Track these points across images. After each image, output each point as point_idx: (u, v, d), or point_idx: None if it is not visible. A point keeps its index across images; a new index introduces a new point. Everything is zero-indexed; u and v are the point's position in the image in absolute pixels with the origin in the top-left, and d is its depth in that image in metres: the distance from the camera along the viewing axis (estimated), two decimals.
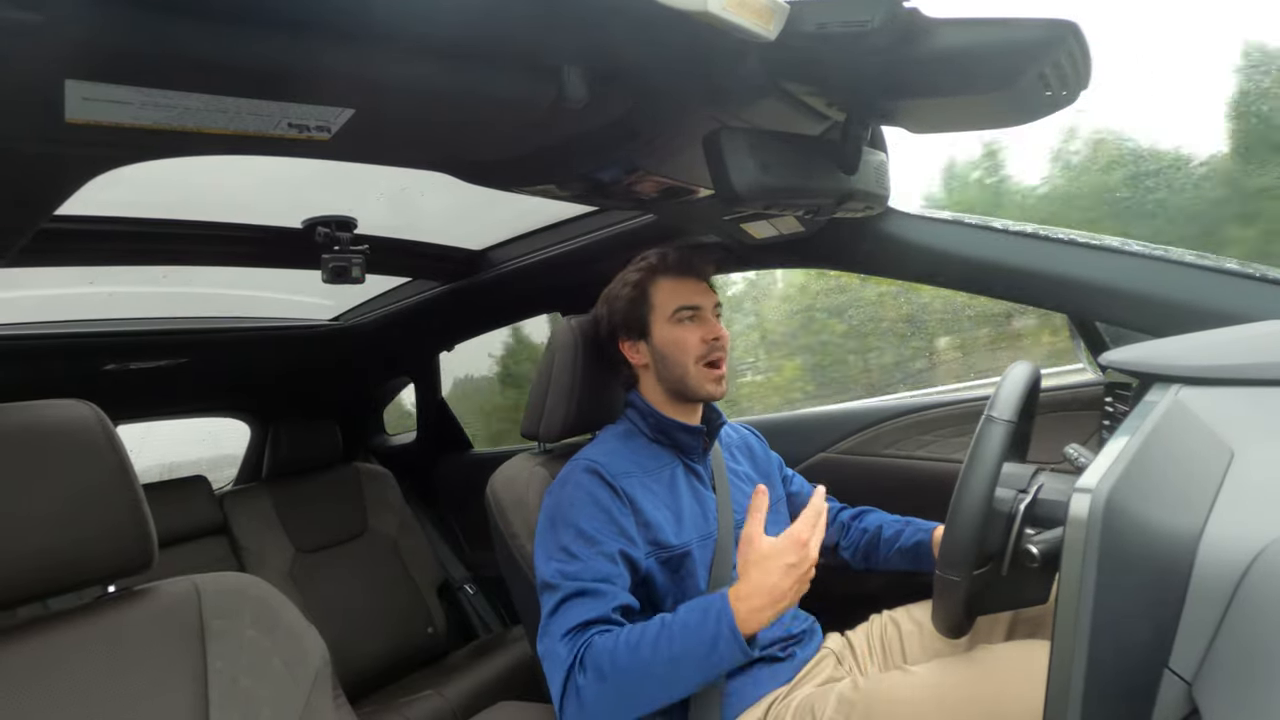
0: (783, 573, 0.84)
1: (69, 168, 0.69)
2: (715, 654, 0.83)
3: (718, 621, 0.84)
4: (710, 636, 0.83)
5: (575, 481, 1.04)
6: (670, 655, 0.84)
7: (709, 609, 0.86)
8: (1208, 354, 0.80)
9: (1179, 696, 0.50)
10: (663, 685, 0.84)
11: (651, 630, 0.87)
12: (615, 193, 1.06)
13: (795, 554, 0.85)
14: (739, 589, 0.86)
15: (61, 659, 0.65)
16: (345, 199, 1.33)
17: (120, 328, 1.63)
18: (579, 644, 0.89)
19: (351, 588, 1.98)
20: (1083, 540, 0.49)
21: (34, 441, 0.66)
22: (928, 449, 1.46)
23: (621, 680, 0.85)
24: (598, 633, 0.89)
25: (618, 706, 0.85)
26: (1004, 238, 1.18)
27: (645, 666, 0.84)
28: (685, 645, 0.84)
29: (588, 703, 0.86)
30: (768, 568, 0.85)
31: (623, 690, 0.85)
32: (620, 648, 0.86)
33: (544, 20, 0.62)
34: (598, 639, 0.88)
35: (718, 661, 0.83)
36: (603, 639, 0.88)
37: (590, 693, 0.86)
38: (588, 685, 0.86)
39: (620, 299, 1.15)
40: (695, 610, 0.87)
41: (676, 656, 0.84)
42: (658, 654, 0.84)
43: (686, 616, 0.87)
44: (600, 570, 0.94)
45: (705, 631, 0.84)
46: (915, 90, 0.80)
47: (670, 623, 0.87)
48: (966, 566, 0.75)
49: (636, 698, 0.85)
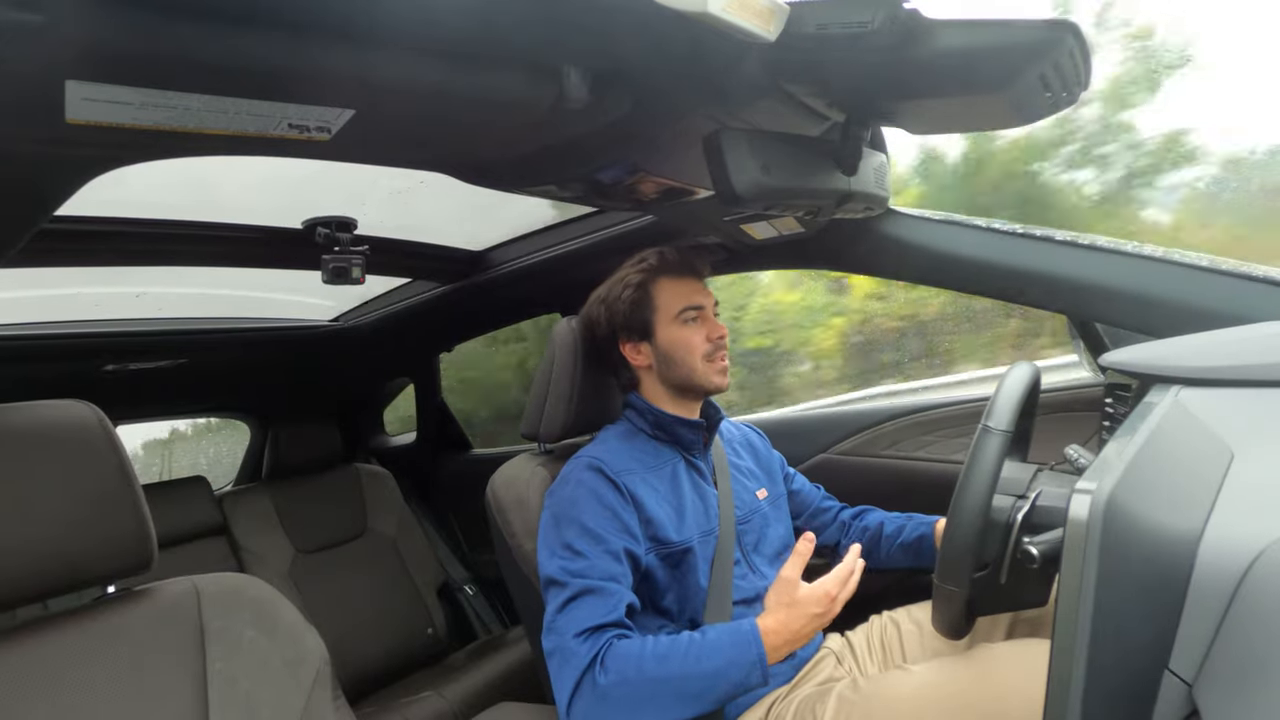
0: (807, 620, 0.89)
1: (69, 168, 0.69)
2: (740, 678, 0.86)
3: (747, 649, 0.87)
4: (742, 661, 0.87)
5: (578, 479, 1.04)
6: (700, 671, 0.86)
7: (740, 635, 0.89)
8: (1208, 355, 0.80)
9: (1179, 697, 0.50)
10: (683, 698, 0.86)
11: (681, 644, 0.89)
12: (615, 193, 1.06)
13: (823, 606, 0.90)
14: (767, 623, 0.89)
15: (61, 660, 0.65)
16: (345, 199, 1.33)
17: (120, 328, 1.63)
18: (599, 644, 0.89)
19: (351, 588, 1.98)
20: (1083, 541, 0.49)
21: (34, 441, 0.66)
22: (928, 449, 1.46)
23: (646, 686, 0.86)
24: (617, 635, 0.90)
25: (635, 710, 0.86)
26: (1004, 238, 1.18)
27: (673, 678, 0.86)
28: (715, 665, 0.87)
29: (609, 701, 0.86)
30: (796, 613, 0.89)
31: (643, 696, 0.86)
32: (648, 656, 0.88)
33: (544, 21, 0.62)
34: (619, 642, 0.90)
35: (738, 685, 0.87)
36: (626, 643, 0.89)
37: (614, 692, 0.86)
38: (610, 685, 0.87)
39: (622, 301, 1.15)
40: (726, 633, 0.90)
41: (706, 674, 0.86)
42: (687, 668, 0.86)
43: (718, 639, 0.89)
44: (607, 569, 0.95)
45: (738, 655, 0.87)
46: (915, 91, 0.80)
47: (701, 641, 0.89)
48: (965, 576, 0.75)
49: (657, 706, 0.86)
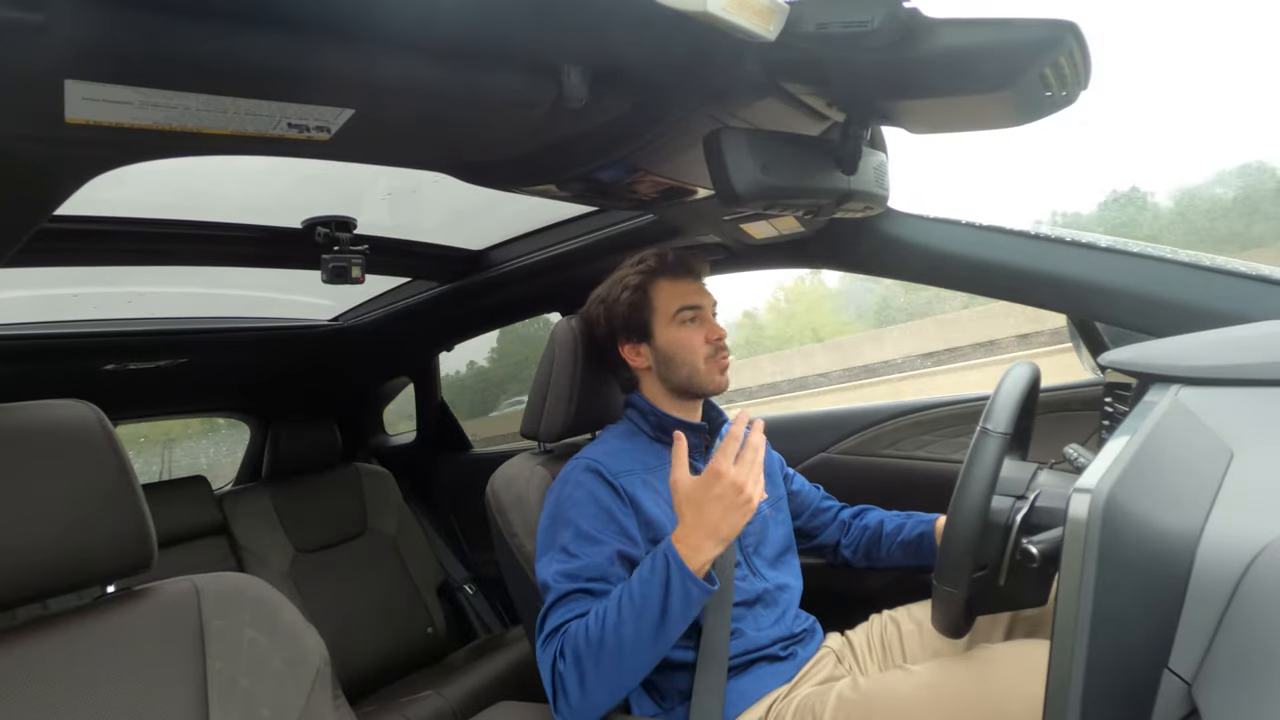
0: (712, 505, 0.87)
1: (69, 168, 0.69)
2: (674, 596, 0.85)
3: (665, 565, 0.86)
4: (662, 581, 0.86)
5: (575, 480, 1.04)
6: (635, 612, 0.85)
7: (655, 557, 0.88)
8: (1207, 354, 0.80)
9: (1178, 697, 0.50)
10: (637, 646, 0.85)
11: (614, 597, 0.89)
12: (615, 193, 1.06)
13: (718, 485, 0.87)
14: (677, 532, 0.89)
15: (61, 659, 0.65)
16: (345, 199, 1.33)
17: (120, 328, 1.63)
18: (559, 637, 0.89)
19: (351, 588, 1.98)
20: (1082, 540, 0.49)
21: (34, 441, 0.66)
22: (928, 449, 1.46)
23: (599, 655, 0.85)
24: (574, 619, 0.90)
25: (599, 684, 0.86)
26: (1004, 238, 1.18)
27: (616, 631, 0.85)
28: (644, 596, 0.86)
29: (572, 691, 0.86)
30: (696, 504, 0.87)
31: (602, 664, 0.85)
32: (592, 624, 0.87)
33: (544, 20, 0.62)
34: (573, 625, 0.89)
35: (680, 603, 0.85)
36: (577, 624, 0.89)
37: (572, 679, 0.86)
38: (569, 671, 0.87)
39: (620, 302, 1.15)
40: (645, 564, 0.89)
41: (640, 611, 0.85)
42: (623, 615, 0.86)
43: (639, 572, 0.89)
44: (597, 569, 0.95)
45: (657, 578, 0.86)
46: (915, 90, 0.80)
47: (628, 584, 0.89)
48: (964, 576, 0.75)
49: (618, 668, 0.86)
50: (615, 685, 0.87)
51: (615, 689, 0.87)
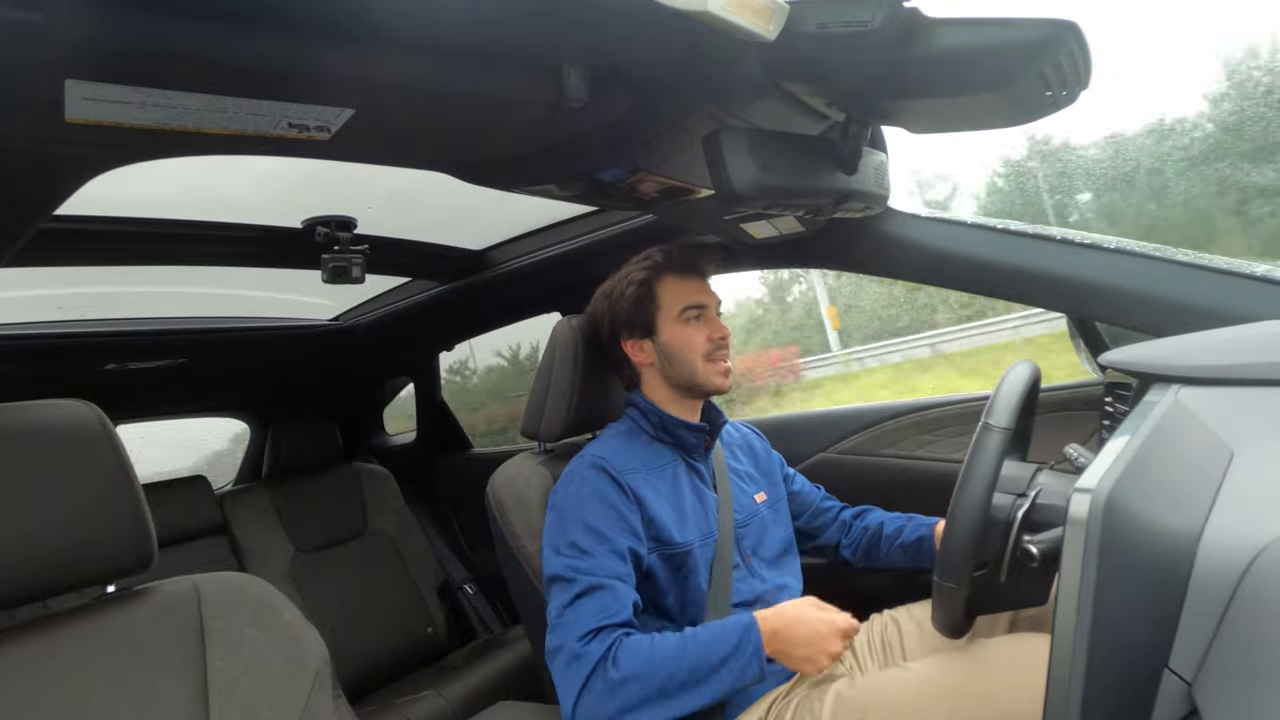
0: (808, 635, 0.90)
1: (69, 168, 0.69)
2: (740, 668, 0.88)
3: (746, 638, 0.89)
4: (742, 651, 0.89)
5: (582, 478, 1.04)
6: (704, 663, 0.88)
7: (739, 625, 0.91)
8: (1208, 354, 0.80)
9: (1179, 696, 0.50)
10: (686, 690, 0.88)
11: (687, 638, 0.91)
12: (616, 193, 1.06)
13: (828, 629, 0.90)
14: (766, 616, 0.92)
15: (61, 659, 0.65)
16: (345, 199, 1.33)
17: (120, 328, 1.63)
18: (609, 640, 0.90)
19: (351, 588, 1.98)
20: (1082, 540, 0.49)
21: (34, 441, 0.66)
22: (928, 449, 1.46)
23: (657, 681, 0.87)
24: (625, 632, 0.91)
25: (642, 704, 0.87)
26: (1004, 238, 1.18)
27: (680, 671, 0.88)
28: (718, 655, 0.89)
29: (618, 696, 0.87)
30: (800, 623, 0.91)
31: (652, 690, 0.87)
32: (658, 650, 0.89)
33: (544, 20, 0.62)
34: (629, 639, 0.90)
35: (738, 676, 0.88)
36: (637, 639, 0.91)
37: (625, 687, 0.87)
38: (622, 680, 0.87)
39: (625, 298, 1.15)
40: (727, 625, 0.92)
41: (710, 664, 0.88)
42: (692, 660, 0.88)
43: (720, 629, 0.92)
44: (612, 568, 0.95)
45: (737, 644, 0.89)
46: (915, 90, 0.80)
47: (704, 634, 0.91)
48: (965, 574, 0.75)
49: (664, 699, 0.87)
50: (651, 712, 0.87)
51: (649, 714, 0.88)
